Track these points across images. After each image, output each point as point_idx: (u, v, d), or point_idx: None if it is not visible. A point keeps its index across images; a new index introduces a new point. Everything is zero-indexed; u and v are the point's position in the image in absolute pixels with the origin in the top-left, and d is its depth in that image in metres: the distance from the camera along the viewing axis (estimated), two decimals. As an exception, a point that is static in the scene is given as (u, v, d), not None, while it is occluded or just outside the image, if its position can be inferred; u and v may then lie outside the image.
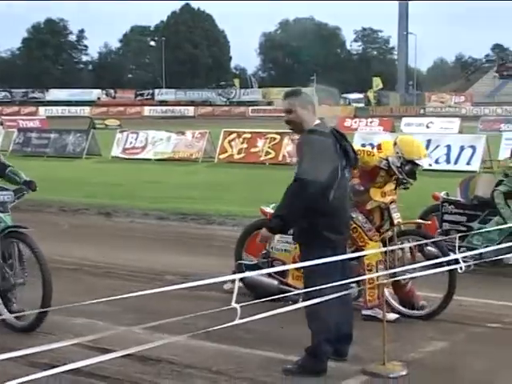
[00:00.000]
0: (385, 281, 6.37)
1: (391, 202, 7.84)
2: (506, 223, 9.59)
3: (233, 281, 7.60)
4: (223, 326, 4.60)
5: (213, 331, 4.76)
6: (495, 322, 7.55)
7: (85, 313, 6.47)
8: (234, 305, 4.53)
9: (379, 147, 8.06)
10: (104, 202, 16.22)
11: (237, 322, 4.53)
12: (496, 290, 8.88)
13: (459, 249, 8.82)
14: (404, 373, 5.98)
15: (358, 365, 6.12)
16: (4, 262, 7.07)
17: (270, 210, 8.41)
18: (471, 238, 9.90)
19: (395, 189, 7.95)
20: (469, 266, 7.65)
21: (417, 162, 7.77)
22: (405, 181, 7.83)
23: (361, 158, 7.16)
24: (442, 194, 10.54)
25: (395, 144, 7.89)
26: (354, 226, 7.47)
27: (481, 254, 8.65)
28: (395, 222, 7.77)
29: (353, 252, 7.20)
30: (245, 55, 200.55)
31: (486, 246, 9.49)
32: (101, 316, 7.25)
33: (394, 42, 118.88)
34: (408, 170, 7.77)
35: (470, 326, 7.40)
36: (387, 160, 7.75)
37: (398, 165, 7.74)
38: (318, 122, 6.16)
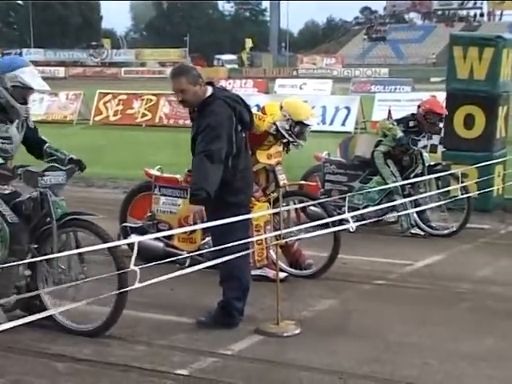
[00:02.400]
0: (277, 242, 6.39)
1: (277, 164, 7.89)
2: (385, 182, 9.83)
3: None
4: (126, 290, 4.50)
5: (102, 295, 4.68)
6: (380, 278, 7.76)
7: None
8: (132, 267, 4.47)
9: (263, 111, 8.08)
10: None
11: (137, 285, 4.47)
12: (378, 247, 9.12)
13: (340, 208, 9.04)
14: (297, 331, 6.07)
15: (251, 325, 6.16)
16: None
17: (154, 172, 8.33)
18: (352, 198, 10.07)
19: (284, 151, 8.02)
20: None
21: (305, 122, 7.85)
22: (296, 143, 7.91)
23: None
24: (324, 155, 10.67)
25: (281, 108, 7.94)
26: None
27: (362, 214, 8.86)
28: (281, 183, 7.82)
29: None
30: (116, 16, 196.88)
31: (367, 205, 9.72)
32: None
33: (266, 4, 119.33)
34: (298, 131, 7.86)
35: (356, 284, 7.56)
36: (276, 125, 7.80)
37: (288, 128, 7.80)
38: (211, 91, 6.05)
